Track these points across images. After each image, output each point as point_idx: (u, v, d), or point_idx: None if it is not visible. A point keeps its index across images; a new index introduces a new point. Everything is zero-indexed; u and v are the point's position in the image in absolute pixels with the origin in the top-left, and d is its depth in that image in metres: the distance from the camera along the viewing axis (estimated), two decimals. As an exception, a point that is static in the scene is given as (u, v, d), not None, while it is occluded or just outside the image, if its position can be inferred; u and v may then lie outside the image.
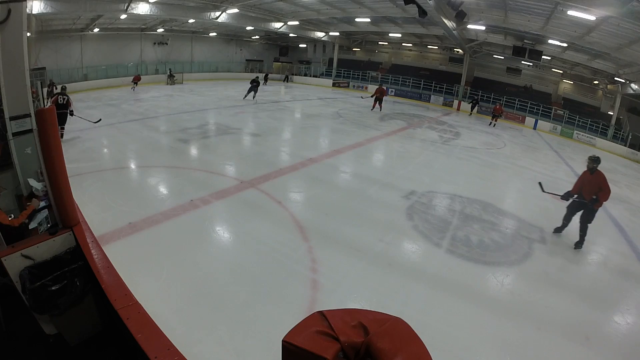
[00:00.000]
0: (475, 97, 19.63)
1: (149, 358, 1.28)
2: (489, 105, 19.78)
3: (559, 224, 5.15)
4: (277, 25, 20.19)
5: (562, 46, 14.56)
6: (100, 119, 8.66)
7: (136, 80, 17.76)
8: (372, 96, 15.29)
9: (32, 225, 2.57)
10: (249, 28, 20.91)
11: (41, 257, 2.10)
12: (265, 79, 23.86)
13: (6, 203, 3.01)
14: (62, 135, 7.39)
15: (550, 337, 3.01)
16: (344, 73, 25.51)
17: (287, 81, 26.11)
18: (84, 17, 16.17)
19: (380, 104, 15.15)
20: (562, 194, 5.04)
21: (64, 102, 7.55)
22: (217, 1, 16.10)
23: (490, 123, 16.12)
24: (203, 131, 9.11)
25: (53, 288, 1.95)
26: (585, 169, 4.76)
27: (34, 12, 11.61)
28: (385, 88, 15.95)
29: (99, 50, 19.00)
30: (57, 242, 2.19)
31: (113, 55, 19.62)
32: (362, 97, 16.70)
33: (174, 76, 20.78)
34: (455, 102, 20.91)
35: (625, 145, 15.02)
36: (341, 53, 26.30)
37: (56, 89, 10.91)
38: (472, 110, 19.01)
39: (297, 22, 20.32)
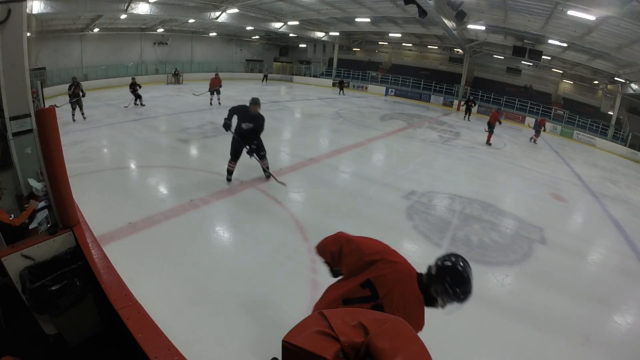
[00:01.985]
0: (471, 98, 17.15)
1: (149, 358, 1.28)
2: (488, 106, 19.80)
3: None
4: (277, 25, 20.18)
5: (562, 46, 14.57)
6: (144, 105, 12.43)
7: (215, 86, 13.39)
8: (489, 129, 11.16)
9: (32, 225, 2.57)
10: (249, 28, 20.90)
11: (41, 257, 2.09)
12: (341, 86, 21.29)
13: (6, 203, 3.01)
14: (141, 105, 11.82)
15: (550, 337, 3.01)
16: (344, 73, 25.51)
17: (264, 81, 24.78)
18: (84, 17, 16.15)
19: (490, 133, 11.18)
20: None
21: (134, 91, 11.76)
22: (217, 1, 16.10)
23: (532, 139, 13.00)
24: (203, 131, 9.10)
25: (53, 288, 1.94)
26: None
27: (34, 12, 11.61)
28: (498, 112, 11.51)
29: (99, 50, 18.98)
30: (57, 242, 2.18)
31: (113, 55, 19.60)
32: (487, 129, 11.40)
33: (179, 75, 20.75)
34: (455, 102, 20.90)
35: (625, 145, 15.03)
36: (341, 53, 26.30)
37: (82, 93, 9.55)
38: (467, 114, 16.66)
39: (297, 22, 20.31)
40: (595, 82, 18.48)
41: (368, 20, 17.92)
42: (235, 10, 16.81)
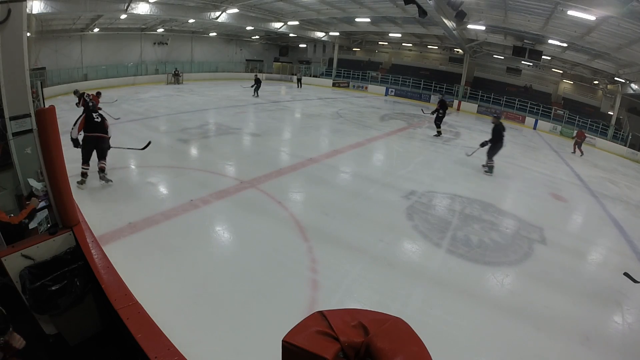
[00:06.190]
0: (497, 114, 11.80)
1: (149, 358, 1.28)
2: (488, 106, 19.80)
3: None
4: (277, 25, 20.18)
5: (562, 46, 14.56)
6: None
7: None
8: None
9: (32, 225, 2.57)
10: (249, 28, 20.89)
11: (41, 257, 2.10)
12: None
13: (6, 203, 3.01)
14: None
15: (550, 337, 3.01)
16: (344, 73, 25.50)
17: (300, 86, 23.62)
18: (84, 17, 16.16)
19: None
20: None
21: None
22: (217, 1, 16.10)
23: (575, 151, 12.52)
24: (203, 131, 9.10)
25: (53, 288, 1.95)
26: None
27: (34, 12, 11.61)
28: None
29: (99, 50, 18.99)
30: (57, 242, 2.18)
31: (113, 55, 19.61)
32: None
33: (179, 75, 20.74)
34: (456, 102, 20.89)
35: (625, 145, 15.01)
36: (341, 53, 26.29)
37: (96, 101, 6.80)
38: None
39: (297, 22, 20.32)
40: (595, 82, 18.47)
41: (368, 20, 17.92)
42: (235, 10, 16.82)
